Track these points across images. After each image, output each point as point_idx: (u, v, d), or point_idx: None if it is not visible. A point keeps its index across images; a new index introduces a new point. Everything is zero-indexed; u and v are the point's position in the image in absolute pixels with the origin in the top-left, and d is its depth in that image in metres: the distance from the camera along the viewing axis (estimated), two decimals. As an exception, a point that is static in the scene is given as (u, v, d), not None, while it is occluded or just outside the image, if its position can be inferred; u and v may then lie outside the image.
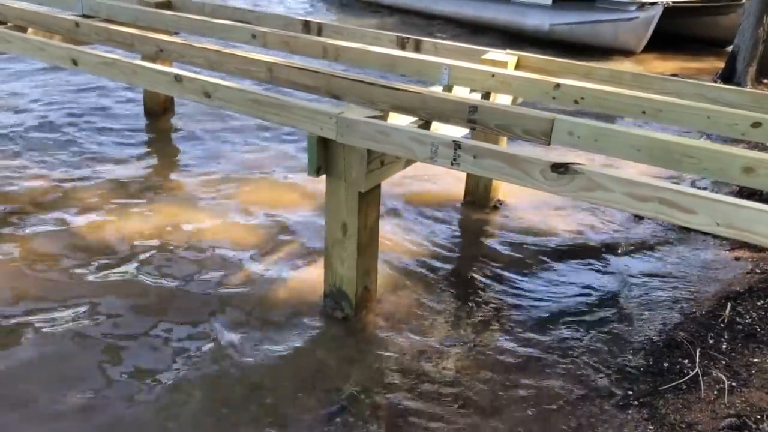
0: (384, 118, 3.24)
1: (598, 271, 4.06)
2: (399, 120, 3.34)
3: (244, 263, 3.88)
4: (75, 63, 3.78)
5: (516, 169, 2.60)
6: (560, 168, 2.48)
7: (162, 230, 4.19)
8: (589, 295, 3.78)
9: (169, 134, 6.03)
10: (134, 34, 4.35)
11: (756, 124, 3.24)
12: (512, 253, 4.23)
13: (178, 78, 3.42)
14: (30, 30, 4.71)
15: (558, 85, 3.76)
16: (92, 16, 5.25)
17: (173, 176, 5.13)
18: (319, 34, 5.12)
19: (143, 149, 5.62)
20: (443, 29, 12.97)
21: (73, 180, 4.82)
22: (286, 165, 5.40)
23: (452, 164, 2.75)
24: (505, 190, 4.88)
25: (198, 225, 4.31)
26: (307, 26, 5.23)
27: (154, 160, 5.42)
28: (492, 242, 4.40)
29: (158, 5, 5.68)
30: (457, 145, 2.70)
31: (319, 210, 4.52)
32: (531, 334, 3.37)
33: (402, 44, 4.83)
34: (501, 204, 4.86)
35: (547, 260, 4.16)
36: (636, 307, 3.65)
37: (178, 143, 5.80)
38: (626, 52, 11.08)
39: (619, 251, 4.31)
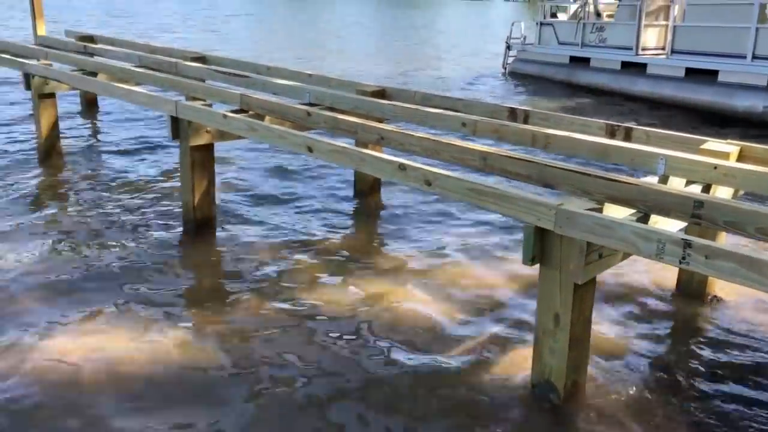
0: (600, 209, 3.24)
1: (838, 384, 3.63)
2: (615, 211, 3.32)
3: (448, 343, 3.97)
4: (310, 150, 4.22)
5: (755, 273, 2.46)
6: (809, 275, 2.31)
7: (366, 306, 4.43)
8: (829, 412, 3.38)
9: (376, 211, 6.42)
10: (358, 123, 4.76)
11: None
12: (728, 357, 3.92)
13: (401, 167, 3.68)
14: (267, 118, 5.32)
15: (792, 180, 3.53)
16: (317, 104, 5.82)
17: (379, 253, 5.42)
18: (526, 121, 5.24)
19: (352, 226, 6.03)
20: (640, 110, 12.65)
21: (283, 254, 5.26)
22: (493, 247, 5.51)
23: (680, 263, 2.67)
24: (722, 284, 4.57)
25: (402, 302, 4.50)
26: (513, 113, 5.38)
27: (361, 236, 5.79)
28: (706, 341, 4.12)
29: (374, 94, 6.17)
30: (687, 243, 2.63)
31: (525, 295, 4.54)
32: (760, 450, 3.08)
33: (612, 132, 4.80)
34: (718, 300, 4.55)
35: (774, 367, 3.80)
36: None
37: (385, 221, 6.15)
38: None
39: None
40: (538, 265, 3.22)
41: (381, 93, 6.24)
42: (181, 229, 5.57)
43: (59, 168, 7.37)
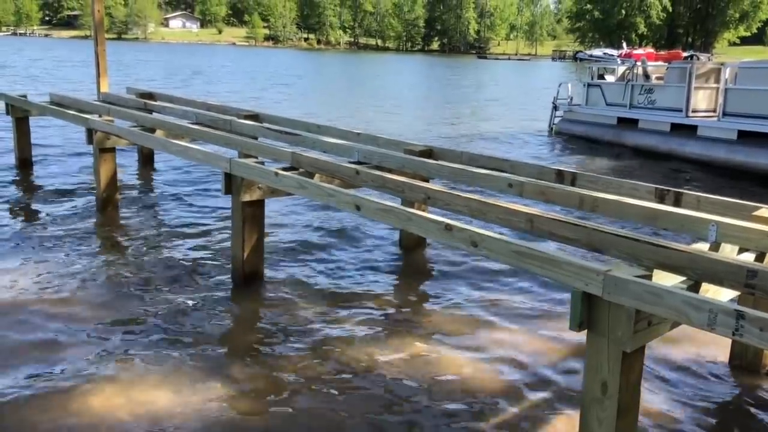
0: (649, 276, 3.20)
1: None
2: (665, 278, 3.27)
3: (490, 409, 3.91)
4: (358, 208, 4.30)
5: (812, 348, 2.39)
6: None
7: (407, 366, 4.40)
8: None
9: (421, 268, 6.44)
10: (405, 182, 4.84)
11: None
12: (791, 433, 3.76)
13: (448, 227, 3.71)
14: (317, 176, 5.45)
15: None
16: (366, 162, 5.94)
17: (423, 312, 5.41)
18: (573, 183, 5.24)
19: (397, 283, 6.05)
20: (689, 172, 12.48)
21: (327, 310, 5.29)
22: (539, 309, 5.45)
23: (733, 334, 2.61)
24: (778, 357, 4.41)
25: (444, 364, 4.46)
26: (560, 175, 5.39)
27: (406, 293, 5.79)
28: (761, 416, 3.96)
29: (421, 153, 6.26)
30: (740, 314, 2.57)
31: (572, 360, 4.46)
32: None
33: (661, 196, 4.76)
34: (774, 372, 4.39)
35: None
36: None
37: (430, 279, 6.16)
38: None
39: None
40: (585, 331, 3.18)
41: (428, 153, 6.33)
42: (230, 281, 5.68)
43: (115, 219, 7.63)
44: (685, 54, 18.00)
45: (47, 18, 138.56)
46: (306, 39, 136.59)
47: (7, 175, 9.61)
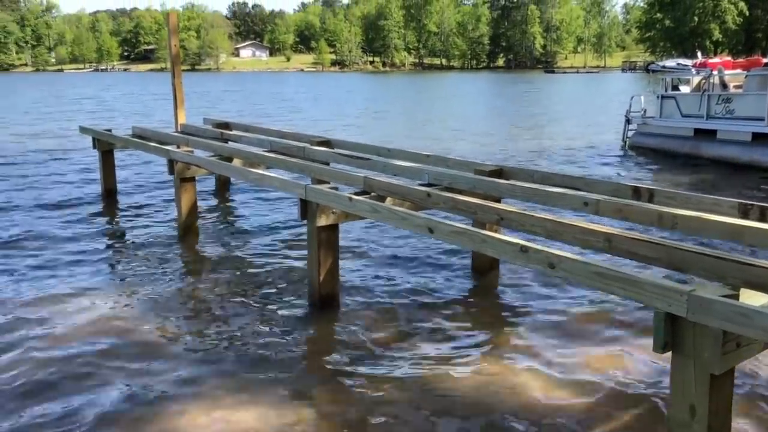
0: (735, 295, 3.10)
1: None
2: (752, 297, 3.16)
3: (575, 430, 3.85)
4: (431, 231, 4.34)
5: None
6: None
7: (485, 388, 4.37)
8: None
9: (495, 290, 6.40)
10: (477, 204, 4.85)
11: None
12: None
13: (523, 249, 3.70)
14: (388, 199, 5.52)
15: None
16: (436, 184, 5.98)
17: (499, 332, 5.37)
18: (651, 200, 5.12)
19: (471, 304, 6.02)
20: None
21: (403, 332, 5.32)
22: (620, 328, 5.33)
23: (831, 356, 2.50)
24: None
25: (524, 385, 4.41)
26: (637, 192, 5.27)
27: (481, 316, 5.76)
28: None
29: (491, 173, 6.25)
30: (837, 336, 2.46)
31: (654, 382, 4.34)
32: None
33: (745, 211, 4.59)
34: None
35: None
36: None
37: (505, 299, 6.11)
38: None
39: None
40: (670, 353, 3.10)
41: (498, 172, 6.30)
42: (306, 305, 5.80)
43: (196, 245, 7.92)
44: (765, 60, 17.28)
45: (125, 53, 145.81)
46: (371, 62, 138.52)
47: (94, 205, 10.14)
